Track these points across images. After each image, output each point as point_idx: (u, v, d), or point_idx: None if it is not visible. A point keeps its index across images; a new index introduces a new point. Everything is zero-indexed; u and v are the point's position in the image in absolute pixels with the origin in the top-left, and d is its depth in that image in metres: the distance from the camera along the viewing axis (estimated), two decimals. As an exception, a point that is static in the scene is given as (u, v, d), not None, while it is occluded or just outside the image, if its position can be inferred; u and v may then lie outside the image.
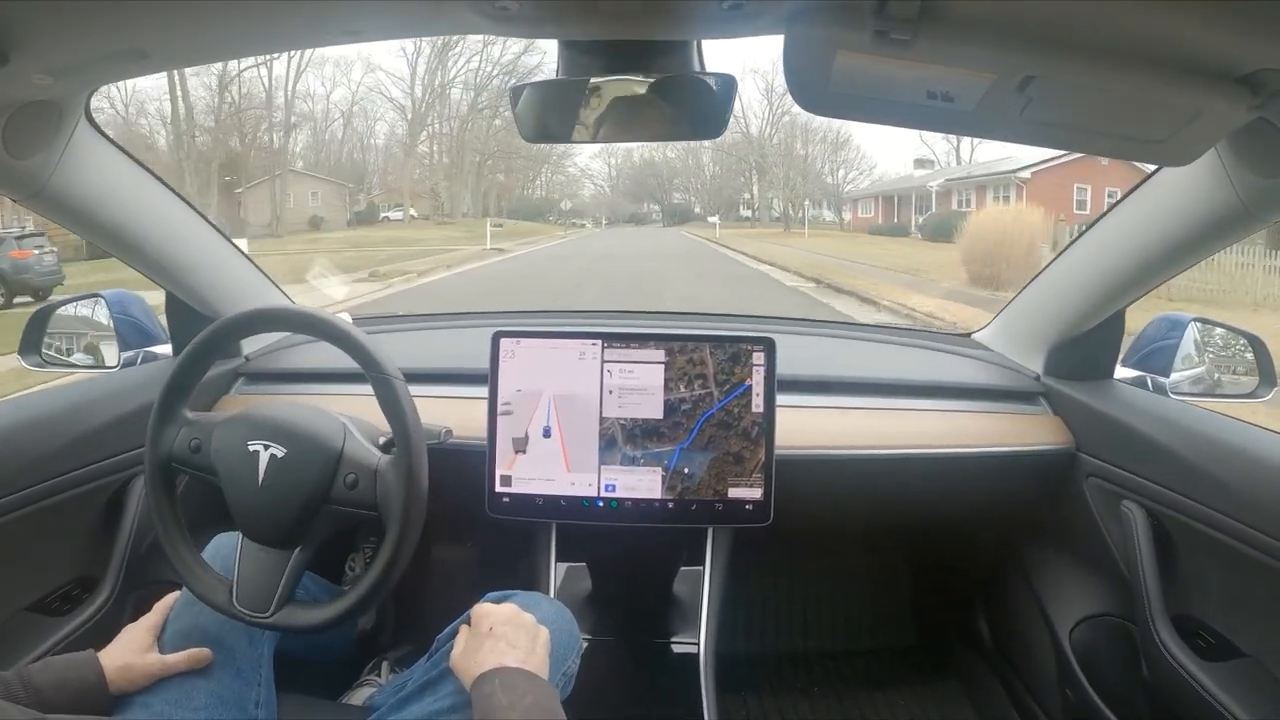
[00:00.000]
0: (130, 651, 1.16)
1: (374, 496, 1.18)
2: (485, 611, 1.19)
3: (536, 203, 54.32)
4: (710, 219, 47.17)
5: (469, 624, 1.19)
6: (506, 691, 1.02)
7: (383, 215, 44.36)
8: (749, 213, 50.57)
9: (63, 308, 1.86)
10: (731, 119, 1.11)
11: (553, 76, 1.10)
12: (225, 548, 1.34)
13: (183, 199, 1.65)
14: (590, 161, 61.73)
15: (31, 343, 1.79)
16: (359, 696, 1.64)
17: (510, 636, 1.14)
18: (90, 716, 1.05)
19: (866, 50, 0.87)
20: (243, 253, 1.87)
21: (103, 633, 1.38)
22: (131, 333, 1.83)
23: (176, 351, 1.83)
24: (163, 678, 1.16)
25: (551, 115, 1.15)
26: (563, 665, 1.30)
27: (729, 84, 1.08)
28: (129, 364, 1.80)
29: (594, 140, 1.16)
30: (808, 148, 46.87)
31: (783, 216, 44.98)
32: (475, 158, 48.80)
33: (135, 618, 1.23)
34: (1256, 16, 0.80)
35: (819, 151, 46.99)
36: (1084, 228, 1.65)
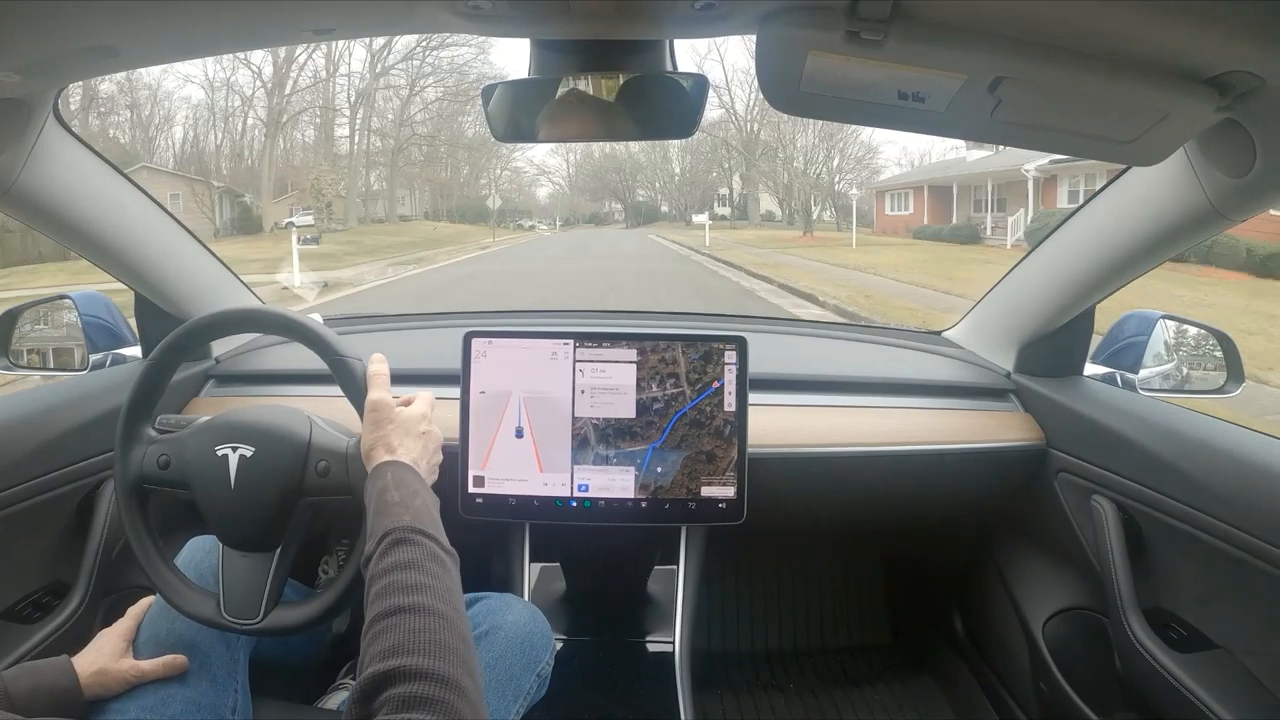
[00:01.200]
0: (105, 657, 1.14)
1: (347, 479, 1.16)
2: (429, 417, 1.19)
3: (478, 203, 46.03)
4: (695, 217, 39.52)
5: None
6: (399, 488, 1.02)
7: (286, 221, 29.81)
8: (726, 210, 44.06)
9: (31, 309, 1.84)
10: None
11: (524, 75, 1.10)
12: (200, 550, 1.33)
13: (152, 199, 1.63)
14: (547, 158, 55.59)
15: (-1, 345, 1.77)
16: (334, 700, 1.63)
17: (411, 429, 1.15)
18: None
19: (838, 51, 0.87)
20: (212, 253, 1.85)
21: (75, 639, 1.36)
22: (100, 335, 1.80)
23: (145, 353, 1.80)
24: (138, 684, 1.15)
25: (523, 114, 1.15)
26: (536, 666, 1.30)
27: (701, 84, 1.08)
28: (98, 366, 1.77)
29: (565, 139, 1.17)
30: (798, 131, 38.27)
31: (800, 215, 36.71)
32: (386, 143, 38.93)
33: (108, 623, 1.22)
34: (1225, 19, 0.81)
35: (815, 134, 38.15)
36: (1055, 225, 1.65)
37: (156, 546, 1.21)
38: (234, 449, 1.16)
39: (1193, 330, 1.79)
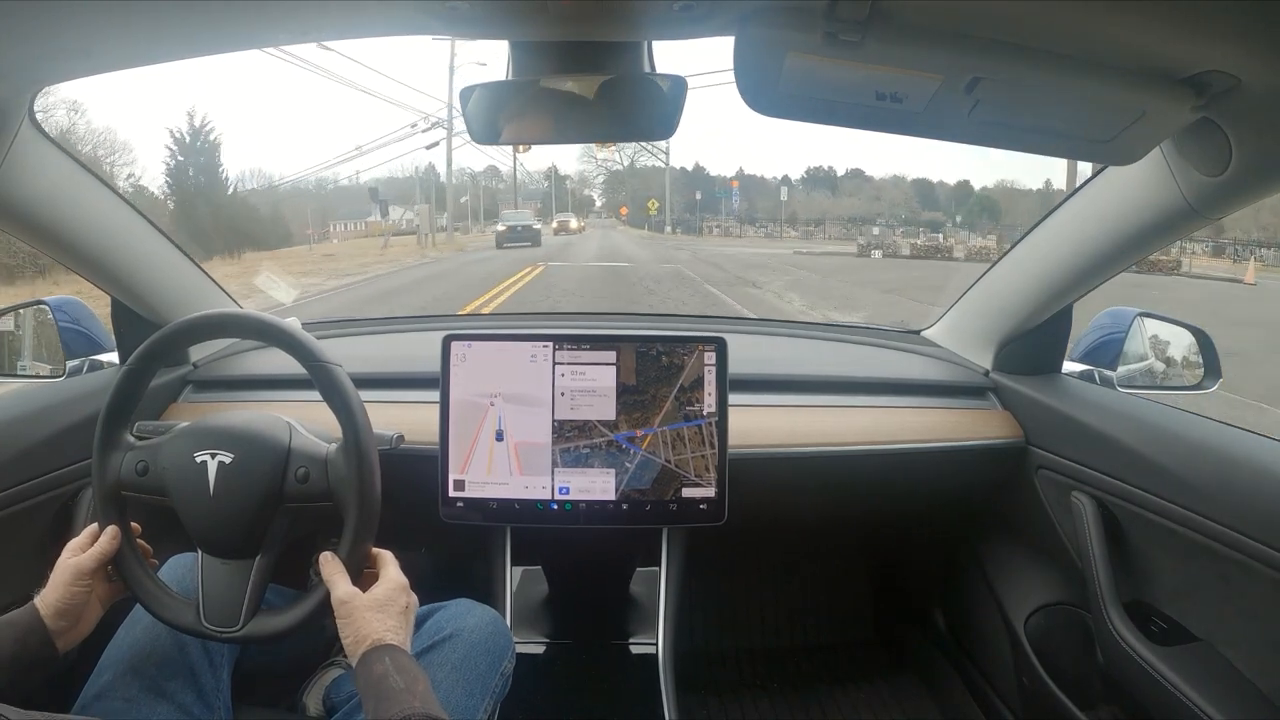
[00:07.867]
0: (59, 588, 1.13)
1: (327, 485, 1.16)
2: (406, 586, 1.17)
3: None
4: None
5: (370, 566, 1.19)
6: (401, 674, 1.02)
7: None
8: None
9: (5, 315, 1.81)
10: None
11: (502, 78, 1.09)
12: (180, 568, 1.31)
13: (129, 203, 1.61)
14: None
15: (-28, 351, 1.74)
16: (314, 698, 1.61)
17: (390, 608, 1.12)
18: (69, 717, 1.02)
19: (816, 52, 0.87)
20: (190, 258, 1.83)
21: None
22: (77, 340, 1.78)
23: (123, 359, 1.78)
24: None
25: (501, 116, 1.15)
26: (500, 664, 1.32)
27: (680, 85, 1.08)
28: (74, 373, 1.75)
29: (543, 141, 1.16)
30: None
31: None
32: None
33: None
34: (1201, 20, 0.81)
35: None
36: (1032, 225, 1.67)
37: (134, 553, 1.19)
38: (213, 455, 1.15)
39: (1169, 327, 1.80)
